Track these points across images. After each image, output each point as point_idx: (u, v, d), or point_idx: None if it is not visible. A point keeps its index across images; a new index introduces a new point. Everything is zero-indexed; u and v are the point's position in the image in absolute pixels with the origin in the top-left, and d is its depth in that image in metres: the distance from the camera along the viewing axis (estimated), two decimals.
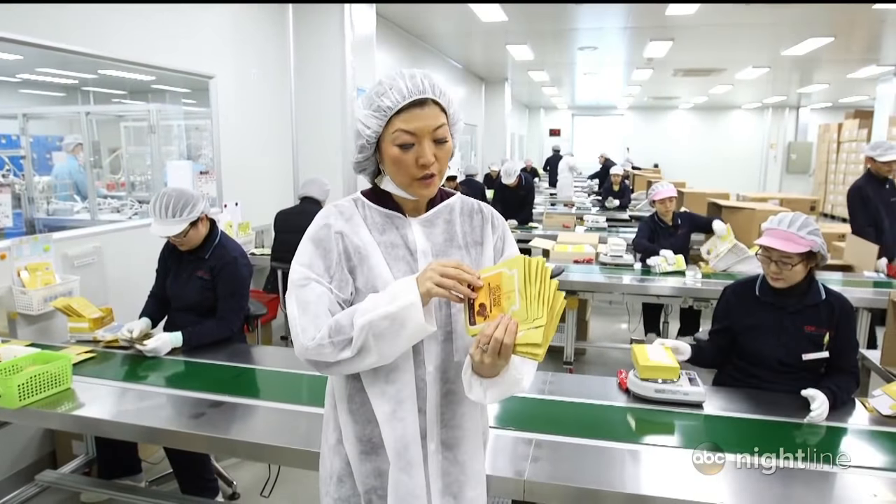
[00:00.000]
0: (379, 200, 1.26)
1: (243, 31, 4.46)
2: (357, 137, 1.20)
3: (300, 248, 1.21)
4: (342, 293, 1.18)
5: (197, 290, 2.63)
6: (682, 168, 16.98)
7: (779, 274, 2.11)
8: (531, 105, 20.28)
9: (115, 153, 6.78)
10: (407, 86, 1.14)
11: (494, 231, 1.31)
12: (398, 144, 1.15)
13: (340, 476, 1.26)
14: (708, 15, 6.53)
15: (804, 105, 18.40)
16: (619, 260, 4.35)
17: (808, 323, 2.13)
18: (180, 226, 2.48)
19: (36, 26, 2.86)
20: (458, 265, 1.07)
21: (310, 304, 1.15)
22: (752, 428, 1.86)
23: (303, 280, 1.17)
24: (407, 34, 7.84)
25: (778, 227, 2.14)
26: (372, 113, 1.16)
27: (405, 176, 1.18)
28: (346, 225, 1.21)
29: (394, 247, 1.22)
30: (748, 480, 1.55)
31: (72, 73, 6.80)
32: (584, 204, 8.99)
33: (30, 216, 5.35)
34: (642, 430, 1.86)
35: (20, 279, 2.79)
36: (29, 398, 1.95)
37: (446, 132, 1.17)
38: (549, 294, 1.01)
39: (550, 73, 12.12)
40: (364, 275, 1.19)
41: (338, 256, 1.18)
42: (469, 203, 1.33)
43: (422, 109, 1.14)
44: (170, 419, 1.90)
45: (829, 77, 12.27)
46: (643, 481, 1.55)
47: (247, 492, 2.83)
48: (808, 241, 2.07)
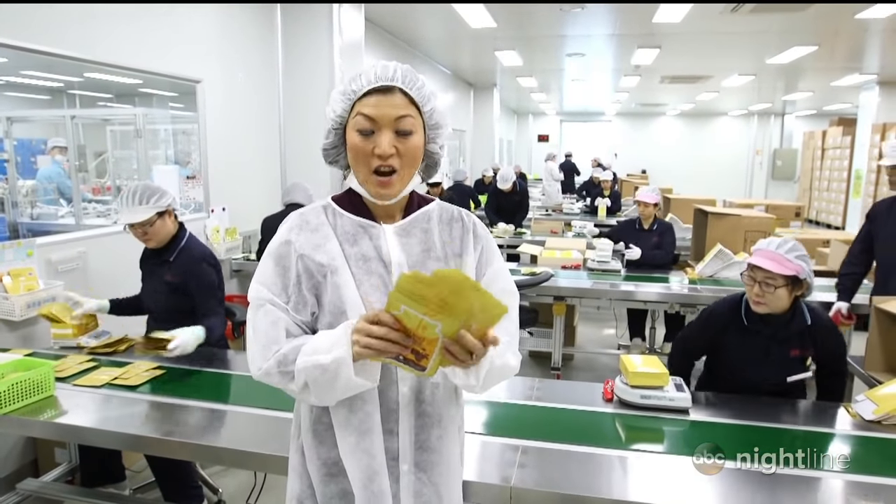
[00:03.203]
0: (351, 206, 1.19)
1: (231, 36, 4.44)
2: (326, 121, 1.16)
3: (260, 264, 1.16)
4: (300, 315, 1.12)
5: (165, 296, 2.61)
6: (670, 174, 17.14)
7: (761, 297, 2.08)
8: (519, 111, 20.36)
9: (101, 157, 6.73)
10: (376, 72, 1.10)
11: (477, 242, 1.23)
12: (358, 130, 1.10)
13: (301, 499, 1.20)
14: (694, 23, 6.60)
15: (789, 112, 18.62)
16: (606, 266, 4.38)
17: (794, 347, 2.13)
18: (146, 213, 2.47)
19: (21, 29, 2.83)
20: (384, 322, 0.94)
21: (259, 332, 1.11)
22: (738, 433, 1.88)
23: (258, 301, 1.12)
24: (395, 39, 7.85)
25: (767, 248, 2.11)
26: (340, 96, 1.12)
27: (363, 167, 1.11)
28: (311, 238, 1.14)
29: (366, 259, 1.14)
30: (735, 485, 1.56)
31: (57, 75, 6.75)
32: (573, 209, 9.03)
33: (13, 220, 5.29)
34: (629, 436, 1.87)
35: (2, 285, 2.75)
36: (10, 405, 1.92)
37: (413, 124, 1.10)
38: (446, 285, 0.89)
39: (539, 79, 12.17)
40: (329, 294, 1.12)
41: (296, 277, 1.12)
42: (448, 210, 1.26)
43: (386, 96, 1.09)
44: (154, 427, 1.88)
45: (813, 85, 12.43)
46: (630, 487, 1.56)
47: (232, 499, 2.80)
48: (795, 266, 2.04)
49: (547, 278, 3.86)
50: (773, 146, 19.22)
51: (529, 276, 3.93)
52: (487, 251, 1.25)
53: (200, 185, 4.25)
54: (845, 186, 12.35)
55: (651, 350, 4.82)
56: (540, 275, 3.92)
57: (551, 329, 4.08)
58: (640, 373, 2.02)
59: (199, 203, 4.29)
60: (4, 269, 2.78)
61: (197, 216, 4.20)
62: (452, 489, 1.22)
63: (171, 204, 2.56)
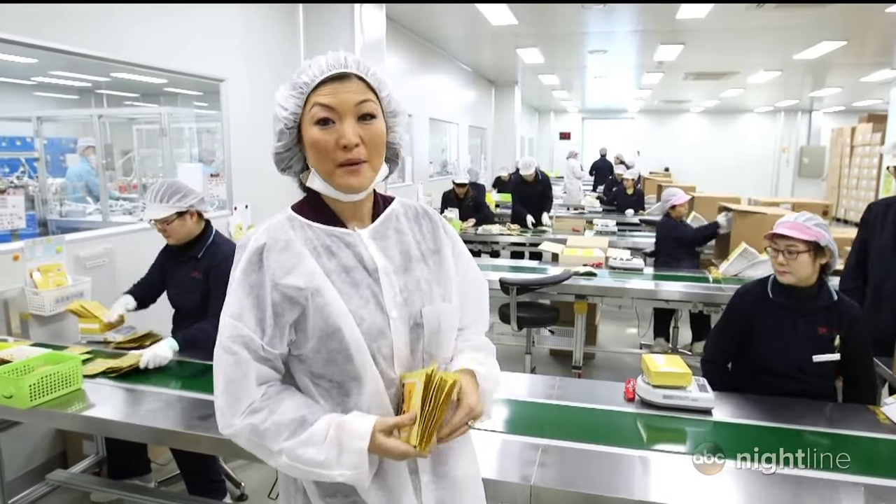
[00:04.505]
0: (316, 215, 1.09)
1: (254, 35, 4.48)
2: (275, 123, 1.07)
3: (230, 293, 1.04)
4: (276, 349, 1.03)
5: (192, 292, 2.63)
6: (693, 172, 16.92)
7: (785, 266, 2.11)
8: (541, 108, 20.27)
9: (128, 155, 6.85)
10: (327, 61, 1.03)
11: (448, 236, 1.20)
12: (316, 122, 1.02)
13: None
14: (719, 18, 6.51)
15: (817, 109, 18.28)
16: (628, 264, 4.34)
17: (821, 324, 2.13)
18: (165, 211, 2.51)
19: (50, 30, 2.89)
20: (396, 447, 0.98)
21: (231, 383, 1.01)
22: (763, 434, 1.85)
23: (230, 339, 1.01)
24: (417, 37, 7.85)
25: (786, 220, 2.17)
26: (290, 92, 1.04)
27: (327, 162, 1.03)
28: (282, 259, 1.02)
29: (348, 271, 1.06)
30: (757, 487, 1.53)
31: (85, 75, 6.89)
32: (594, 207, 8.95)
33: (43, 217, 5.41)
34: (651, 436, 1.85)
35: (33, 280, 2.82)
36: (40, 398, 1.97)
37: (373, 108, 1.04)
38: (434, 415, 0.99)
39: (560, 76, 12.10)
40: (311, 318, 1.02)
41: (272, 309, 1.01)
42: (412, 207, 1.20)
43: (342, 83, 1.02)
44: (178, 420, 1.91)
45: (842, 80, 12.18)
46: (651, 488, 1.54)
47: (255, 493, 2.84)
48: (815, 232, 2.09)
49: (567, 277, 3.84)
50: (799, 143, 18.88)
51: (547, 276, 3.91)
52: (457, 244, 1.23)
53: (224, 183, 4.30)
54: (875, 184, 12.08)
55: (674, 350, 4.77)
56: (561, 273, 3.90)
57: (572, 328, 4.05)
58: (662, 372, 2.00)
59: (222, 200, 4.34)
60: (35, 265, 2.84)
61: (220, 213, 4.24)
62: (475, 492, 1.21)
63: (194, 205, 2.57)
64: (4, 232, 2.89)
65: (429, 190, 7.66)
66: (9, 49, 3.09)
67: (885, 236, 2.76)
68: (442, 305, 1.12)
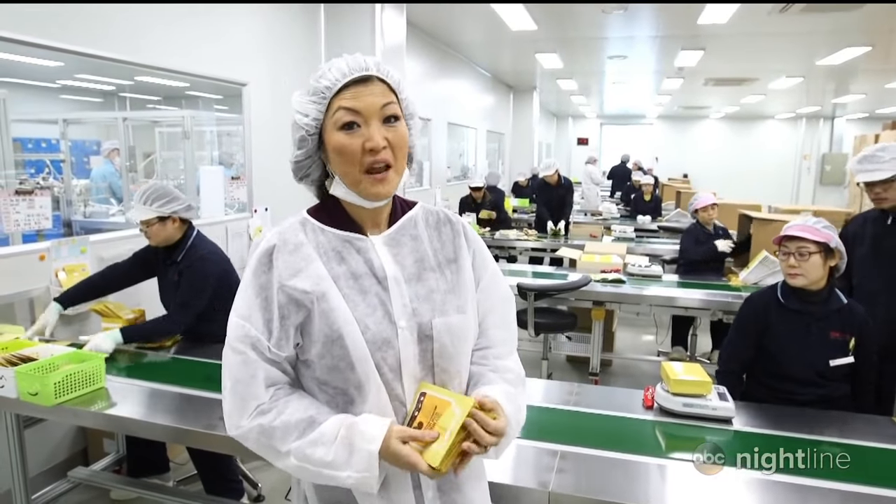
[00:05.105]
0: (331, 219, 1.08)
1: (276, 38, 4.53)
2: (295, 130, 1.05)
3: (239, 294, 1.04)
4: (283, 351, 1.02)
5: (173, 294, 2.67)
6: (713, 178, 16.75)
7: (796, 268, 2.12)
8: (559, 114, 20.21)
9: (150, 158, 6.94)
10: (348, 64, 1.02)
11: (469, 244, 1.16)
12: (341, 126, 1.00)
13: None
14: (741, 24, 6.45)
15: (839, 115, 18.01)
16: (646, 271, 4.31)
17: (834, 328, 2.14)
18: (147, 214, 2.55)
19: (76, 34, 2.95)
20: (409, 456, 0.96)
21: (239, 383, 1.01)
22: (783, 444, 1.82)
23: (238, 339, 1.02)
24: (436, 42, 7.88)
25: (795, 223, 2.20)
26: (310, 98, 1.03)
27: (353, 168, 1.01)
28: (291, 261, 1.02)
29: (357, 277, 1.04)
30: (778, 497, 1.51)
31: (109, 79, 6.99)
32: (612, 213, 8.90)
33: (67, 218, 5.51)
34: (670, 444, 1.83)
35: (58, 280, 2.87)
36: (64, 396, 2.00)
37: (396, 110, 1.03)
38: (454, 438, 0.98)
39: (579, 81, 12.07)
40: (316, 322, 1.01)
41: (279, 311, 1.01)
42: (434, 213, 1.17)
43: (365, 86, 1.01)
44: (197, 420, 1.93)
45: (865, 87, 12.00)
46: (669, 496, 1.53)
47: (271, 494, 2.85)
48: (825, 234, 2.12)
49: (586, 283, 3.82)
50: (821, 150, 18.61)
51: (567, 281, 3.90)
52: (480, 254, 1.17)
53: (244, 186, 4.35)
54: None
55: (692, 358, 4.73)
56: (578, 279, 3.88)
57: (590, 334, 4.03)
58: (682, 380, 1.98)
59: (242, 203, 4.39)
60: (60, 264, 2.90)
61: (240, 216, 4.29)
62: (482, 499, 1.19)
63: (178, 211, 2.60)
64: (31, 232, 2.94)
65: (447, 195, 7.68)
66: (36, 52, 3.16)
67: (865, 248, 2.74)
68: (455, 317, 1.08)
